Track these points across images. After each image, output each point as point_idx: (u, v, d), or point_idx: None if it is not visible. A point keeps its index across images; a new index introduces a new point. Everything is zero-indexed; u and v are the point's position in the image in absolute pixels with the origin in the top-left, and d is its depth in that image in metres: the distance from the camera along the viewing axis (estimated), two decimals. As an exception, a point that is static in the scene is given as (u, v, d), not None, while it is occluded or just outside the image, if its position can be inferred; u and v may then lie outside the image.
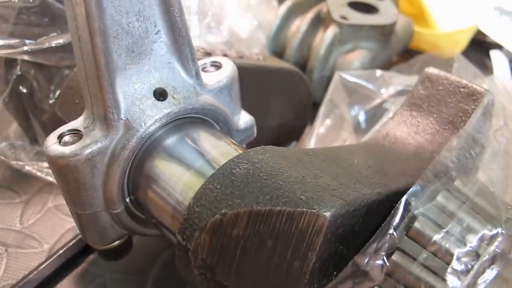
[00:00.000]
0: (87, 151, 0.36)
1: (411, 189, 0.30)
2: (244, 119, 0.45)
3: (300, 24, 0.71)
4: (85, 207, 0.39)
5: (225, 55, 0.53)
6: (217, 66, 0.43)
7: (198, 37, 0.65)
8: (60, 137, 0.37)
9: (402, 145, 0.40)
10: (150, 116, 0.38)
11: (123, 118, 0.37)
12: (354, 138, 0.62)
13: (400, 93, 0.63)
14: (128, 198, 0.40)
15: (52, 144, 0.37)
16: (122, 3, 0.35)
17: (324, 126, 0.63)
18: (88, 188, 0.38)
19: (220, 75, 0.42)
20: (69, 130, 0.38)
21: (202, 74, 0.41)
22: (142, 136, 0.38)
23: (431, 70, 0.41)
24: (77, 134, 0.37)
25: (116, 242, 0.42)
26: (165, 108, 0.38)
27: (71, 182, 0.37)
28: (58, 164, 0.36)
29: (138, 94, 0.38)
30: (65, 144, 0.37)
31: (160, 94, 0.39)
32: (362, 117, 0.66)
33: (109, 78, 0.36)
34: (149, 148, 0.38)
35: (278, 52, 0.73)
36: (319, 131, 0.62)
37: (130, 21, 0.36)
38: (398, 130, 0.41)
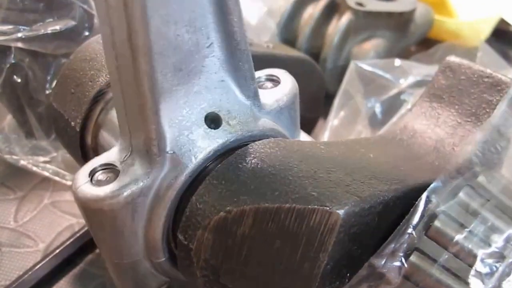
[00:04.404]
0: (126, 192, 0.31)
1: (431, 185, 0.29)
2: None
3: (313, 11, 0.70)
4: (123, 256, 0.34)
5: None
6: (274, 80, 0.39)
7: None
8: (92, 174, 0.32)
9: (421, 139, 0.38)
10: (202, 148, 0.33)
11: (169, 152, 0.32)
12: (369, 131, 0.62)
13: (419, 84, 0.62)
14: (174, 243, 0.35)
15: (82, 184, 0.32)
16: (169, 11, 0.29)
17: (338, 118, 0.62)
18: (128, 236, 0.33)
19: (279, 93, 0.37)
20: (102, 165, 0.33)
21: (259, 91, 0.36)
22: (192, 172, 0.33)
23: (452, 58, 0.39)
24: (112, 170, 0.33)
25: None
26: (219, 138, 0.33)
27: (107, 228, 0.33)
28: (91, 209, 0.32)
29: (187, 121, 0.33)
30: (99, 183, 0.32)
31: (213, 120, 0.34)
32: (378, 108, 0.65)
33: (154, 105, 0.31)
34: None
35: (290, 40, 0.72)
36: (333, 123, 0.61)
37: (179, 33, 0.30)
38: (417, 122, 0.39)
